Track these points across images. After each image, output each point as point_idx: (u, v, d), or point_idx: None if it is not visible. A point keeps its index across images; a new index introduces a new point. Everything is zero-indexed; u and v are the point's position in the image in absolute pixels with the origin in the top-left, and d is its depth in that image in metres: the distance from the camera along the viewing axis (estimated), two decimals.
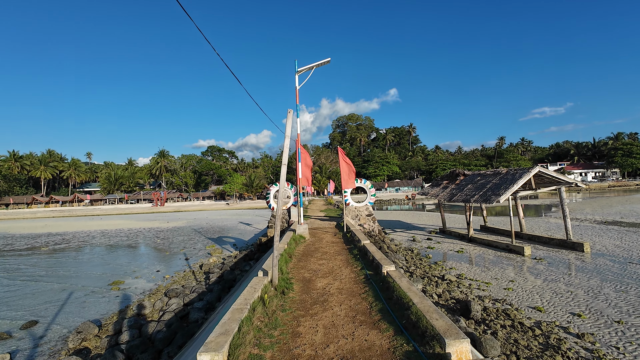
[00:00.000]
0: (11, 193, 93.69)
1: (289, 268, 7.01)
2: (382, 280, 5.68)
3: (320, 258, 8.32)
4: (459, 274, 11.76)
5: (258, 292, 4.63)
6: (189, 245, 21.84)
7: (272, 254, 5.49)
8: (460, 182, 19.46)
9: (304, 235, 10.78)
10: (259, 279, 5.24)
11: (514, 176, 15.39)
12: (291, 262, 7.65)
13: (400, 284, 4.89)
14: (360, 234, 10.10)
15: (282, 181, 5.36)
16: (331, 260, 8.07)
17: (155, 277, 13.82)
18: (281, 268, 6.09)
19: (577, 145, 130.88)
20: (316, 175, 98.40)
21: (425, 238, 19.97)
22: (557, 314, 7.91)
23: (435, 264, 13.41)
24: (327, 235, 12.12)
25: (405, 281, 5.05)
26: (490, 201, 14.84)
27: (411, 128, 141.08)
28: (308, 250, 9.17)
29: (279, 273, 5.64)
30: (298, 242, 9.82)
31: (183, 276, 13.59)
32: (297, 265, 7.55)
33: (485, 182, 17.01)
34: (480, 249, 16.25)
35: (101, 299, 10.97)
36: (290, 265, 7.37)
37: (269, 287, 5.07)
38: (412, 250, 16.46)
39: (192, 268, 15.09)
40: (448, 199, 18.74)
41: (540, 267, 12.32)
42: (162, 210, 69.07)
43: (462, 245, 17.44)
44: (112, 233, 31.18)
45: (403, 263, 13.07)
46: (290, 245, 8.78)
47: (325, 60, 11.07)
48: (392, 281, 5.19)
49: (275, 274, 5.30)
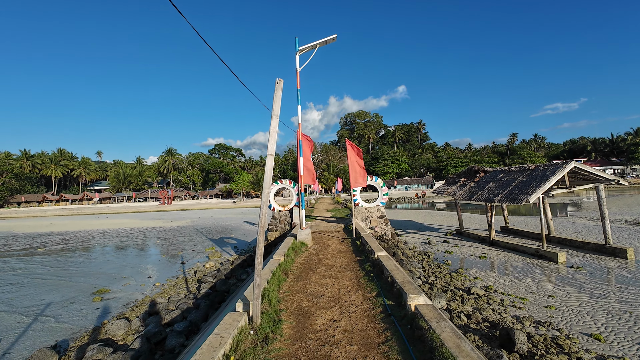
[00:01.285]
0: (23, 191, 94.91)
1: (282, 292, 5.57)
2: (409, 321, 4.13)
3: (324, 275, 6.83)
4: (486, 286, 10.16)
5: (226, 343, 3.19)
6: (188, 247, 20.66)
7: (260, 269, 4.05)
8: (480, 180, 17.73)
9: (306, 242, 9.34)
10: (234, 318, 3.79)
11: (544, 173, 13.63)
12: (286, 281, 6.22)
13: (442, 335, 3.28)
14: (372, 241, 8.60)
15: (266, 177, 3.92)
16: (338, 278, 6.56)
17: (145, 284, 12.58)
18: (269, 296, 4.64)
19: (594, 141, 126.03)
20: (324, 173, 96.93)
21: (441, 240, 18.32)
22: (622, 346, 6.29)
23: (456, 273, 11.81)
24: (333, 242, 10.66)
25: (449, 330, 3.43)
26: (519, 201, 13.13)
27: (420, 125, 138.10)
28: (309, 263, 7.76)
29: (266, 303, 4.23)
30: (298, 251, 8.38)
31: (174, 284, 12.31)
32: (292, 287, 6.05)
33: (510, 180, 15.27)
34: (505, 254, 14.56)
35: (78, 312, 9.74)
36: (284, 286, 5.93)
37: (245, 331, 3.63)
38: (427, 255, 14.87)
39: (186, 274, 13.82)
40: (467, 197, 17.04)
41: (580, 277, 10.62)
42: (168, 208, 68.62)
43: (483, 249, 15.76)
44: (114, 233, 30.34)
45: (420, 271, 11.52)
46: (287, 257, 7.35)
47: (330, 38, 9.52)
48: (427, 328, 3.56)
49: (257, 310, 3.85)
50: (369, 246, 8.13)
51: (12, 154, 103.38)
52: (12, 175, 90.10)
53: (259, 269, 3.79)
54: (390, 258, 6.59)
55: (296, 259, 7.68)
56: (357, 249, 9.25)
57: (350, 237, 11.23)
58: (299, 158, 9.41)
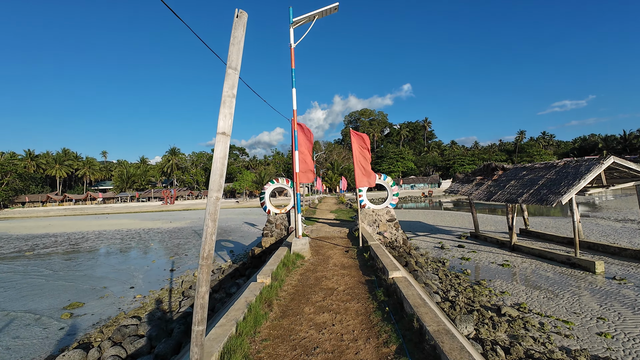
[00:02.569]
0: (27, 192, 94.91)
1: (259, 339, 4.06)
2: None
3: (322, 306, 5.15)
4: (517, 304, 8.57)
5: None
6: (181, 252, 19.30)
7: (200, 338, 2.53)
8: (499, 178, 16.07)
9: (302, 253, 7.83)
10: None
11: (577, 170, 11.96)
12: (268, 319, 4.62)
13: None
14: (383, 254, 7.05)
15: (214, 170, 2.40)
16: (340, 313, 4.86)
17: (125, 297, 11.21)
18: (234, 351, 3.17)
19: (606, 139, 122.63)
20: (328, 172, 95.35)
21: (456, 245, 16.70)
22: None
23: (478, 285, 10.22)
24: (335, 253, 9.10)
25: None
26: (548, 202, 11.49)
27: (426, 123, 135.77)
28: (304, 285, 6.16)
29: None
30: (291, 266, 6.87)
31: (157, 297, 10.91)
32: (275, 330, 4.37)
33: (535, 178, 13.61)
34: (530, 261, 12.91)
35: (39, 333, 8.38)
36: (264, 329, 4.32)
37: None
38: (442, 262, 13.29)
39: (173, 284, 12.43)
40: (485, 197, 15.40)
41: (628, 292, 8.98)
42: (170, 208, 67.71)
43: (504, 255, 14.13)
44: (109, 235, 29.19)
45: (437, 284, 9.96)
46: (276, 277, 5.81)
47: (331, 6, 7.96)
48: None
49: None
50: (380, 262, 6.60)
51: (17, 154, 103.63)
52: (16, 176, 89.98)
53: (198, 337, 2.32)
54: (410, 282, 4.95)
55: (287, 278, 6.16)
56: (365, 263, 7.74)
57: (356, 245, 9.67)
58: (293, 151, 7.92)
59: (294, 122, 7.81)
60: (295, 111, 7.81)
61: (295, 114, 7.80)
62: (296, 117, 7.78)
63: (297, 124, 7.89)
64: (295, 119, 7.83)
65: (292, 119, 7.85)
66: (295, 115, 7.85)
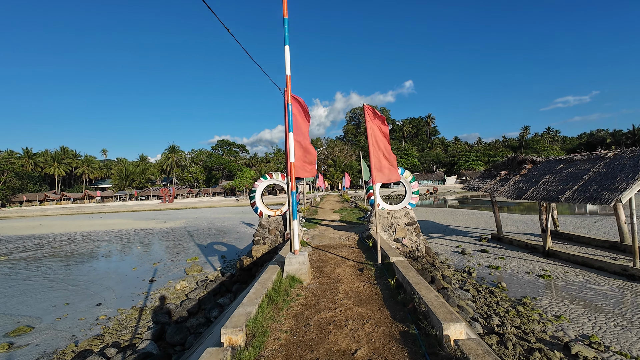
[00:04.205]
0: (25, 190, 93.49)
1: None
2: None
3: None
4: (585, 336, 6.50)
5: None
6: (168, 257, 17.32)
7: None
8: (529, 173, 13.95)
9: (299, 276, 5.72)
10: None
11: (636, 161, 9.84)
12: None
13: None
14: (420, 281, 4.67)
15: None
16: None
17: (86, 317, 9.23)
18: None
19: (614, 133, 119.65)
20: (330, 169, 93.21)
21: (478, 249, 14.61)
22: None
23: (522, 305, 8.15)
24: (345, 272, 6.83)
25: None
26: (603, 200, 9.39)
27: (429, 119, 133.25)
28: (299, 343, 3.87)
29: None
30: (282, 302, 4.66)
31: (123, 320, 8.92)
32: None
33: (578, 172, 11.49)
34: (573, 271, 10.82)
35: None
36: None
37: None
38: (468, 272, 11.23)
39: (147, 301, 10.43)
40: (514, 194, 13.30)
41: None
42: (168, 207, 65.91)
43: (539, 263, 12.04)
44: (97, 236, 27.30)
45: (470, 304, 7.90)
46: (254, 331, 3.56)
47: None
48: None
49: None
50: (420, 299, 4.33)
51: (15, 152, 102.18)
52: (13, 174, 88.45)
53: None
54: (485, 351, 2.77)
55: (274, 326, 4.01)
56: (392, 294, 5.40)
57: (371, 260, 7.50)
58: (287, 134, 5.84)
59: (288, 93, 5.71)
60: (289, 77, 5.72)
61: (290, 82, 5.70)
62: (290, 85, 5.69)
63: (291, 96, 5.79)
64: (290, 89, 5.74)
65: (284, 90, 5.76)
66: (289, 84, 5.74)
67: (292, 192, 5.81)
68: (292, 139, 5.81)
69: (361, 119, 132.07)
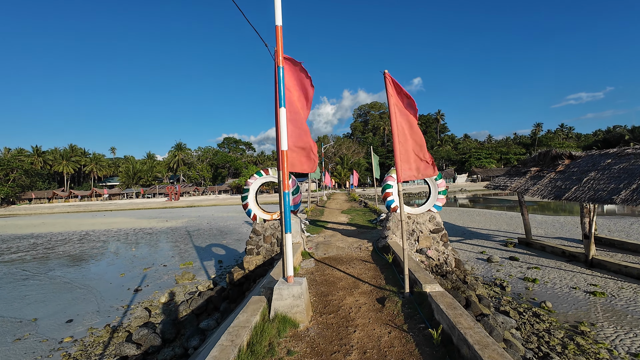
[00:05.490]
0: (34, 188, 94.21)
1: None
2: None
3: None
4: None
5: None
6: (160, 261, 15.95)
7: None
8: (567, 169, 12.10)
9: (294, 317, 4.14)
10: None
11: None
12: None
13: None
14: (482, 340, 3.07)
15: None
16: None
17: (49, 339, 7.84)
18: None
19: (633, 130, 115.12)
20: (337, 167, 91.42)
21: (506, 257, 12.83)
22: None
23: (582, 337, 6.42)
24: (359, 305, 5.03)
25: None
26: None
27: (439, 115, 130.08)
28: None
29: None
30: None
31: (91, 343, 7.48)
32: None
33: (632, 167, 9.64)
34: (630, 286, 9.02)
35: None
36: None
37: None
38: (500, 285, 9.53)
39: (124, 318, 8.99)
40: (551, 194, 11.47)
41: None
42: (174, 205, 65.17)
43: (583, 274, 10.24)
44: (95, 236, 26.24)
45: (519, 341, 6.21)
46: None
47: None
48: None
49: None
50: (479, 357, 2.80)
51: (25, 150, 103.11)
52: (22, 172, 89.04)
53: None
54: None
55: None
56: (435, 351, 3.62)
57: (392, 285, 5.67)
58: (277, 109, 4.11)
59: (279, 53, 4.05)
60: (281, 28, 3.95)
61: (281, 35, 3.93)
62: (282, 42, 3.98)
63: (283, 58, 4.10)
64: (281, 47, 4.04)
65: (275, 50, 4.09)
66: (280, 38, 3.99)
67: (285, 193, 4.15)
68: (283, 116, 4.16)
69: (369, 116, 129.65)
